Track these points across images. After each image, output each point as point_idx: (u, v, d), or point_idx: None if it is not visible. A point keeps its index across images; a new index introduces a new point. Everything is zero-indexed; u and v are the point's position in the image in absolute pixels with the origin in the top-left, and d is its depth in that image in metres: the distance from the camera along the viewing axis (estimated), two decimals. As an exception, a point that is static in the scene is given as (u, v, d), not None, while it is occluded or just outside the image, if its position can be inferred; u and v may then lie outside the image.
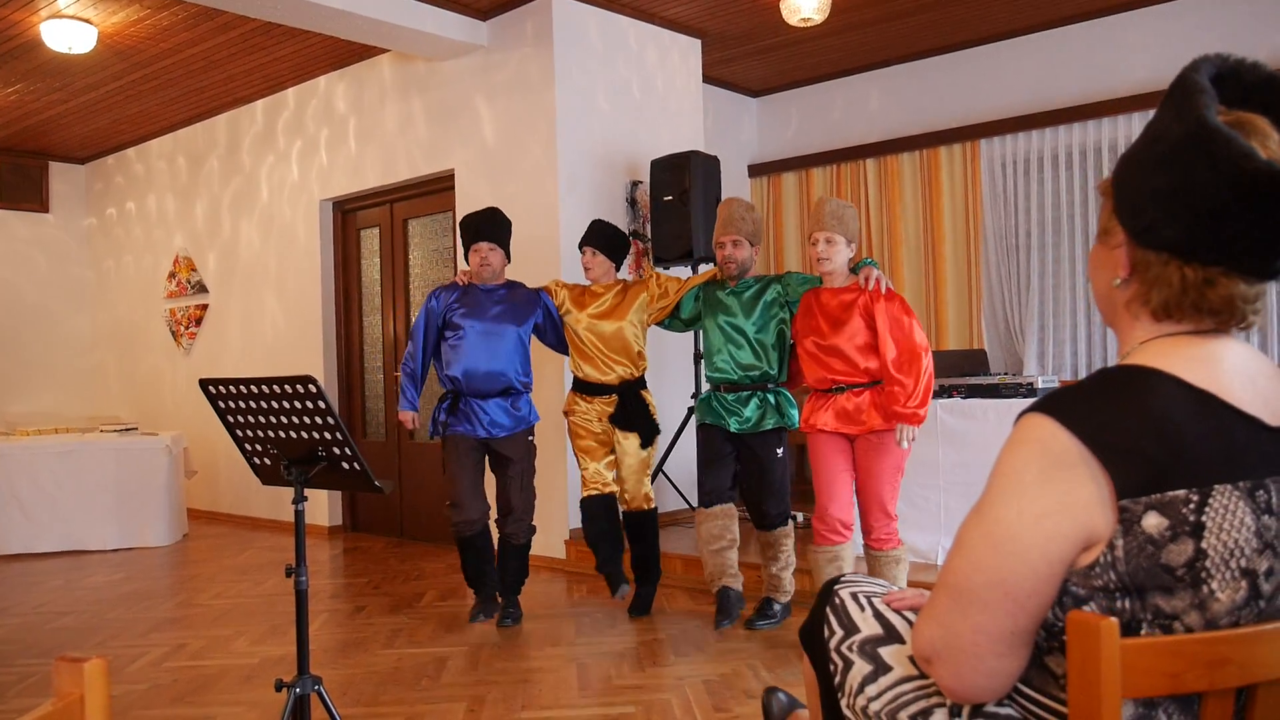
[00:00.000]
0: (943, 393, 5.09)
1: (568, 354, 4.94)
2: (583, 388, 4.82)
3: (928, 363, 4.02)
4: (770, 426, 4.47)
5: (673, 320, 4.87)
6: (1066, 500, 1.20)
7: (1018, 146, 7.03)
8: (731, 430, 4.51)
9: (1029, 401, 1.34)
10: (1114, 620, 1.12)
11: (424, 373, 4.83)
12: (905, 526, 5.02)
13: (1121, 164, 1.35)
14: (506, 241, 4.87)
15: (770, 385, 4.49)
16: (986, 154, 7.15)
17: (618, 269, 4.93)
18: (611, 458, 4.82)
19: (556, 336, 4.93)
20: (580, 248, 4.90)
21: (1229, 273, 1.25)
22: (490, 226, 4.81)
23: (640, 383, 4.82)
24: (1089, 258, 1.45)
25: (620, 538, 4.88)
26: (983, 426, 4.82)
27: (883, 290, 4.08)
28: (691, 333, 5.72)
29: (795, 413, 4.49)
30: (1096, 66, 6.63)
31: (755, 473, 4.53)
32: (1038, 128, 6.88)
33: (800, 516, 6.11)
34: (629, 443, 4.77)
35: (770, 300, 4.47)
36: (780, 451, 4.51)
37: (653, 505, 4.86)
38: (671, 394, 6.32)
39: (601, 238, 4.85)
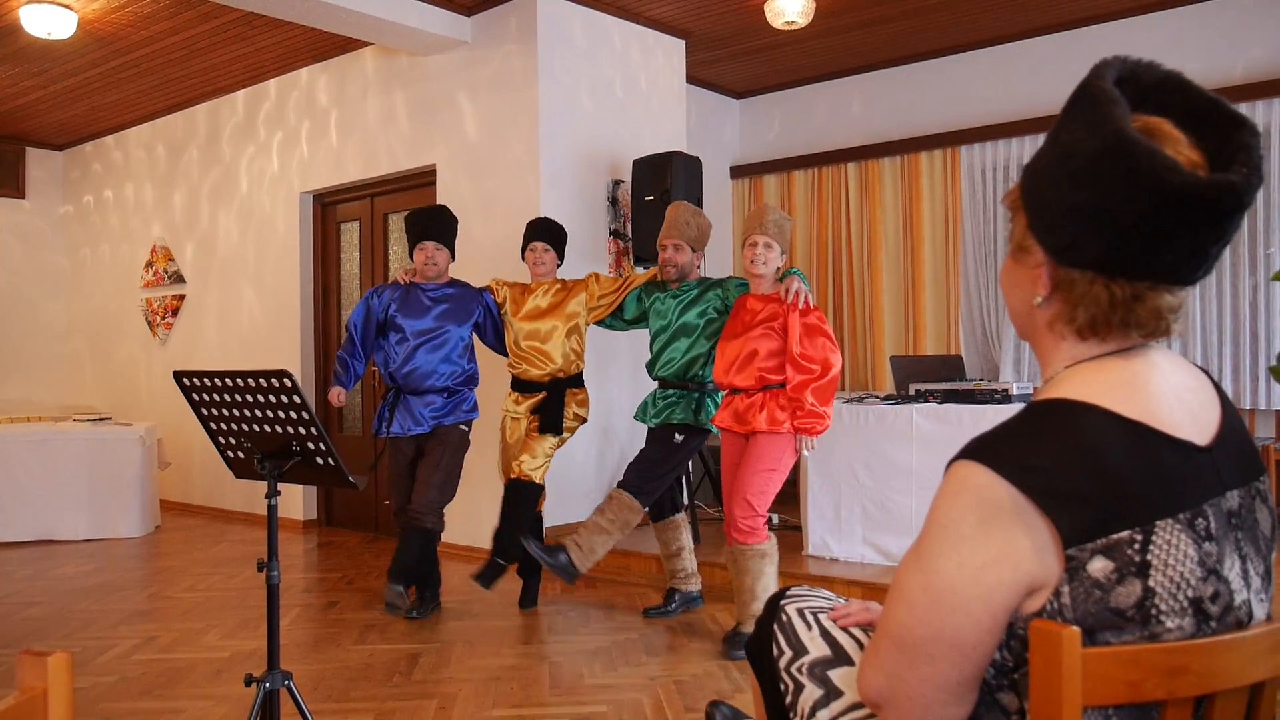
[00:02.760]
0: (918, 397, 5.12)
1: (506, 355, 4.98)
2: (519, 386, 4.90)
3: (835, 375, 4.11)
4: (676, 420, 4.57)
5: (614, 320, 4.95)
6: (1007, 550, 1.17)
7: (998, 153, 7.08)
8: (646, 424, 4.69)
9: (994, 409, 1.34)
10: (1076, 629, 1.13)
11: (361, 366, 4.87)
12: (877, 530, 5.07)
13: (1030, 178, 1.30)
14: (453, 240, 4.93)
15: (708, 386, 4.60)
16: (967, 160, 7.19)
17: (560, 264, 4.98)
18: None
19: (496, 335, 4.97)
20: (528, 244, 4.91)
21: (1155, 285, 1.23)
22: (438, 225, 4.84)
23: (571, 381, 4.86)
24: (1001, 274, 1.41)
25: (523, 529, 4.78)
26: (957, 432, 4.84)
27: (800, 304, 4.12)
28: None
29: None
30: (1077, 75, 6.57)
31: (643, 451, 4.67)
32: (1018, 135, 6.93)
33: (775, 518, 6.14)
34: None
35: (708, 305, 4.56)
36: (678, 439, 4.57)
37: (537, 482, 4.76)
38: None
39: (550, 233, 4.91)
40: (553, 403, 4.81)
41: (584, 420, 4.92)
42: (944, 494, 1.23)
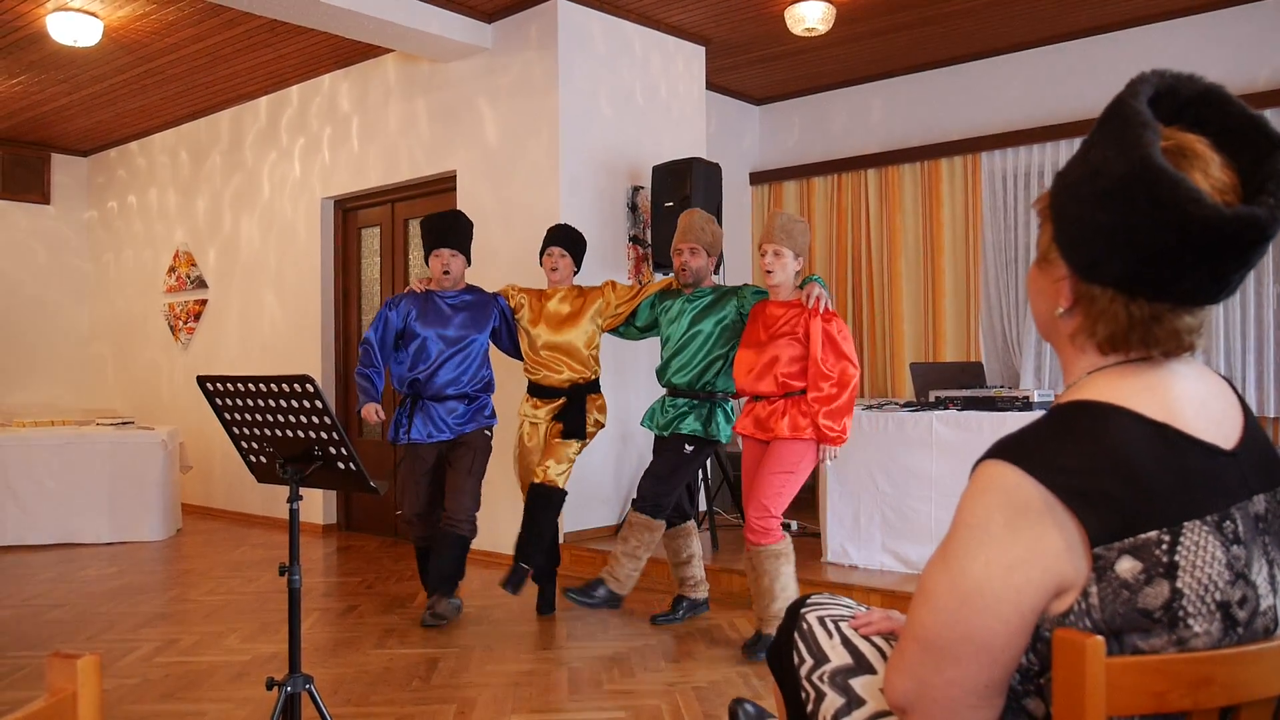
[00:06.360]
0: (938, 404, 5.10)
1: (521, 359, 4.99)
2: (537, 391, 4.89)
3: (854, 385, 4.13)
4: (685, 431, 4.53)
5: (627, 327, 4.94)
6: (1035, 549, 1.17)
7: (1019, 160, 7.05)
8: (654, 432, 4.66)
9: (1015, 416, 1.34)
10: (1100, 638, 1.12)
11: (381, 379, 4.86)
12: (897, 537, 5.05)
13: (1060, 190, 1.30)
14: (468, 247, 4.92)
15: (719, 395, 4.57)
16: (987, 167, 7.17)
17: (576, 271, 4.98)
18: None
19: (511, 341, 4.99)
20: (545, 250, 4.93)
21: (1175, 308, 1.23)
22: (454, 232, 4.84)
23: (590, 386, 4.87)
24: (1028, 279, 1.41)
25: (551, 536, 4.91)
26: (977, 439, 4.81)
27: (821, 309, 4.14)
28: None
29: (727, 428, 4.57)
30: (1098, 82, 6.64)
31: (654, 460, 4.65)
32: (1039, 142, 6.90)
33: (794, 525, 6.13)
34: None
35: (725, 311, 4.53)
36: (688, 450, 4.53)
37: (561, 488, 4.79)
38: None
39: (568, 239, 4.92)
40: (575, 408, 4.81)
41: (602, 425, 4.93)
42: (971, 494, 1.22)
